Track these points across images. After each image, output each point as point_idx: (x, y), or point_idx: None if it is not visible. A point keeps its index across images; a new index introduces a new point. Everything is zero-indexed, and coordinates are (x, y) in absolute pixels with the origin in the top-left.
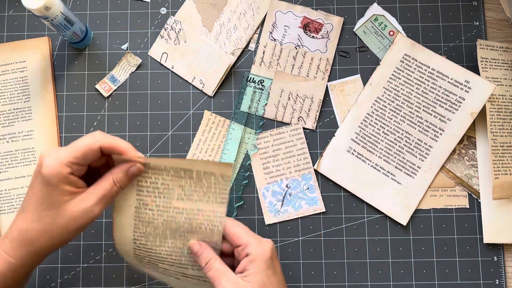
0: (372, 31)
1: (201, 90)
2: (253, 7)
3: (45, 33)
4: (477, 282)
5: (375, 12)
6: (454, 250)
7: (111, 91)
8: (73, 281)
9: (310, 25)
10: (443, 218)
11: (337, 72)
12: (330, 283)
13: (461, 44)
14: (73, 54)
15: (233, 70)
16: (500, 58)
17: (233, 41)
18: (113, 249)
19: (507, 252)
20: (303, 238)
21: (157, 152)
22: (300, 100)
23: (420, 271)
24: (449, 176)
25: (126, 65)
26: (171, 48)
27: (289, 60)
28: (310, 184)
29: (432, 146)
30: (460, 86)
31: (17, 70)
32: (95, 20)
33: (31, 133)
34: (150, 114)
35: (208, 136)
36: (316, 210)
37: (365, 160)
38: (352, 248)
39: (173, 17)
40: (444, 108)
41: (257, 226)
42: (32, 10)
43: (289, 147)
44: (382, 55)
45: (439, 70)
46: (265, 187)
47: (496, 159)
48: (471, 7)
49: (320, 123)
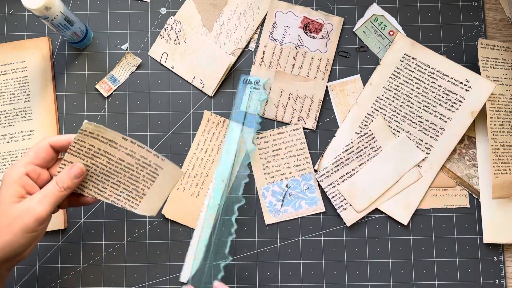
0: (372, 31)
1: (201, 90)
2: (253, 7)
3: (45, 33)
4: (477, 282)
5: (375, 12)
6: (454, 250)
7: (111, 91)
8: (73, 281)
9: (310, 25)
10: (443, 218)
11: (337, 72)
12: (330, 283)
13: (461, 44)
14: (73, 54)
15: (233, 70)
16: (501, 57)
17: (233, 41)
18: (113, 249)
19: (507, 252)
20: (303, 238)
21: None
22: (300, 100)
23: (420, 271)
24: (449, 176)
25: (126, 65)
26: (171, 48)
27: (289, 60)
28: (310, 184)
29: (433, 146)
30: (460, 85)
31: (17, 70)
32: (95, 20)
33: (31, 133)
34: (150, 114)
35: (208, 136)
36: (316, 210)
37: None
38: (352, 248)
39: (173, 17)
40: (444, 107)
41: (257, 226)
42: (32, 10)
43: (289, 147)
44: (382, 55)
45: (439, 69)
46: (265, 187)
47: (496, 158)
48: (471, 7)
49: (320, 123)
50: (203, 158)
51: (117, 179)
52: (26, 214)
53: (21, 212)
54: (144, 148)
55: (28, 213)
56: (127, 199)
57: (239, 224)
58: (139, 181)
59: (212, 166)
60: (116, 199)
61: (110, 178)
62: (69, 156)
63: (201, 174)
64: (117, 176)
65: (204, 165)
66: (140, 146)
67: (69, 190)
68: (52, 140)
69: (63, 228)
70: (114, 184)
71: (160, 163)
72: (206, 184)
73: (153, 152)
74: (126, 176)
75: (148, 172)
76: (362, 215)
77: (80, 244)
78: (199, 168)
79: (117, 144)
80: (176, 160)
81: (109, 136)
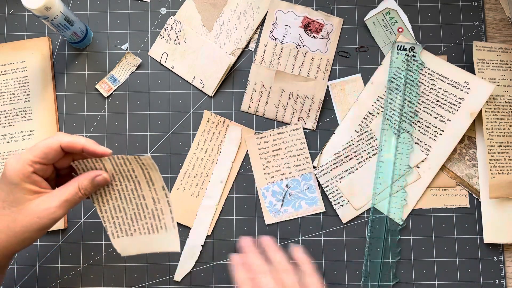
0: (382, 24)
1: (201, 90)
2: (253, 7)
3: (45, 33)
4: (477, 282)
5: (389, 6)
6: (454, 250)
7: (111, 91)
8: (73, 281)
9: (311, 25)
10: (443, 218)
11: (337, 72)
12: (330, 283)
13: (461, 44)
14: (73, 54)
15: (233, 70)
16: (499, 59)
17: (233, 41)
18: (113, 249)
19: (507, 252)
20: (303, 238)
21: (157, 152)
22: (301, 100)
23: (420, 271)
24: (449, 176)
25: (126, 65)
26: (171, 48)
27: (290, 59)
28: (310, 184)
29: (432, 146)
30: (460, 87)
31: (17, 70)
32: (95, 20)
33: (31, 133)
34: (150, 114)
35: (208, 136)
36: (316, 210)
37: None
38: (352, 248)
39: (173, 17)
40: (444, 109)
41: (257, 226)
42: (32, 10)
43: (289, 147)
44: (386, 50)
45: (438, 72)
46: (265, 187)
47: (493, 159)
48: (471, 7)
49: (320, 123)
50: (203, 158)
51: (124, 207)
52: (45, 216)
53: (40, 213)
54: (170, 207)
55: (48, 215)
56: (115, 226)
57: (239, 224)
58: (139, 224)
59: (212, 166)
60: (107, 219)
61: (120, 201)
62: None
63: (201, 174)
64: (127, 205)
65: (204, 165)
66: (168, 202)
67: (88, 195)
68: (64, 143)
69: (63, 228)
70: (118, 208)
71: (169, 227)
72: (206, 184)
73: (173, 215)
74: (133, 211)
75: (154, 224)
76: (359, 212)
77: (80, 244)
78: (199, 168)
79: (153, 186)
80: (176, 160)
81: (153, 175)
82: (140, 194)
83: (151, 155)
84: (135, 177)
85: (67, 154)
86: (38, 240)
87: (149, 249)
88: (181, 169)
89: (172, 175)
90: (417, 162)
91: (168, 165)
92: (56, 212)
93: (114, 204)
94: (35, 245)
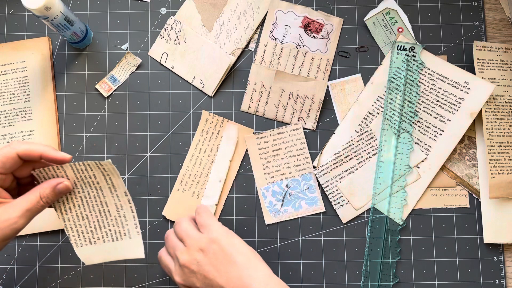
0: (382, 24)
1: (201, 90)
2: (253, 7)
3: (45, 33)
4: (477, 282)
5: (389, 5)
6: (454, 250)
7: (111, 91)
8: (73, 281)
9: (311, 25)
10: (443, 218)
11: (337, 72)
12: (330, 283)
13: (461, 44)
14: (73, 54)
15: (233, 70)
16: (499, 59)
17: (233, 41)
18: None
19: (507, 252)
20: (303, 238)
21: (157, 152)
22: (301, 100)
23: (420, 271)
24: (449, 176)
25: (126, 65)
26: (171, 48)
27: (290, 59)
28: (310, 184)
29: (432, 146)
30: (460, 87)
31: (17, 70)
32: (95, 20)
33: (31, 133)
34: (150, 114)
35: (207, 136)
36: (316, 210)
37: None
38: (352, 248)
39: (173, 17)
40: (444, 109)
41: (257, 226)
42: (32, 10)
43: (289, 147)
44: (386, 50)
45: (439, 72)
46: (265, 187)
47: (493, 159)
48: (471, 7)
49: (320, 123)
50: (202, 159)
51: (87, 214)
52: (7, 227)
53: (1, 224)
54: (132, 213)
55: (9, 225)
56: (78, 234)
57: (239, 224)
58: (102, 231)
59: (211, 166)
60: (70, 227)
61: (83, 208)
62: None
63: (201, 174)
64: (90, 212)
65: (203, 166)
66: (131, 208)
67: (50, 203)
68: (21, 151)
69: (63, 228)
70: (81, 215)
71: (133, 234)
72: (206, 184)
73: (136, 221)
74: (96, 218)
75: (117, 231)
76: (359, 212)
77: None
78: (198, 168)
79: (115, 191)
80: (176, 160)
81: (115, 181)
82: (102, 201)
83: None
84: (97, 183)
85: (26, 163)
86: (38, 240)
87: (113, 257)
88: (180, 170)
89: (172, 175)
90: (417, 162)
91: (168, 165)
92: (17, 222)
93: (77, 211)
94: (35, 245)
